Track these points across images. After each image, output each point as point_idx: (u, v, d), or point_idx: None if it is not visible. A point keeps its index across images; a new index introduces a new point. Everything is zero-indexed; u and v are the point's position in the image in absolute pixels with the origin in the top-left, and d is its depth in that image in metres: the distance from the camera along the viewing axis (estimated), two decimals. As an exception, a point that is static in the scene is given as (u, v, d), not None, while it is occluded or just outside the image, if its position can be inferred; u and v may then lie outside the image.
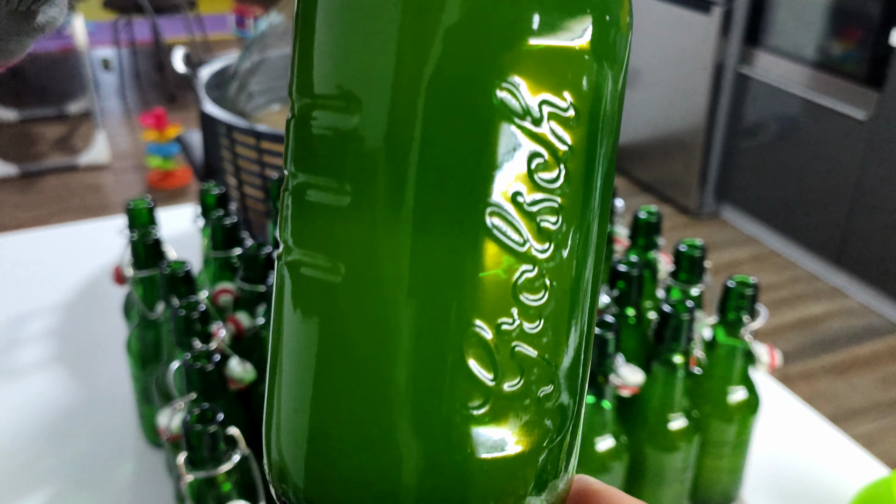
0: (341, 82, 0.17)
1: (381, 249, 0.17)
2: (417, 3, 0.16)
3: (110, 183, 3.07)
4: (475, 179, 0.16)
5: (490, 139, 0.16)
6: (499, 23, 0.16)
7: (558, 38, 0.16)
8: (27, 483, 0.70)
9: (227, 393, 0.59)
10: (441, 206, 0.16)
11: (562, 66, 0.16)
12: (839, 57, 2.38)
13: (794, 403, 0.82)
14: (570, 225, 0.17)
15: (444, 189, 0.16)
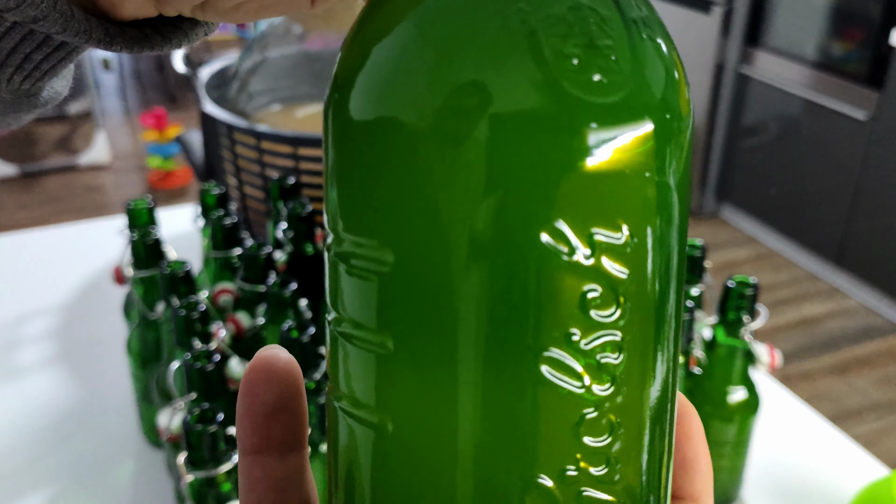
0: (378, 231, 0.16)
1: (426, 403, 0.16)
2: (453, 146, 0.15)
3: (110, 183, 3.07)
4: (523, 327, 0.15)
5: (536, 283, 0.15)
6: (534, 157, 0.15)
7: (609, 165, 0.15)
8: (28, 482, 0.70)
9: (227, 393, 0.59)
10: (486, 357, 0.15)
11: (613, 194, 0.15)
12: (840, 57, 2.38)
13: (794, 403, 0.82)
14: (635, 357, 0.16)
15: (488, 339, 0.15)
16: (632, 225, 0.15)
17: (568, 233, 0.15)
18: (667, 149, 0.16)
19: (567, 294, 0.15)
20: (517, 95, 0.14)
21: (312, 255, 0.70)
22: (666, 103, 0.15)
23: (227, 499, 0.52)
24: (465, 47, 0.15)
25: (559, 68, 0.14)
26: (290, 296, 0.59)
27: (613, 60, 0.15)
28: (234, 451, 0.52)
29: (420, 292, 0.15)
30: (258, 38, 0.94)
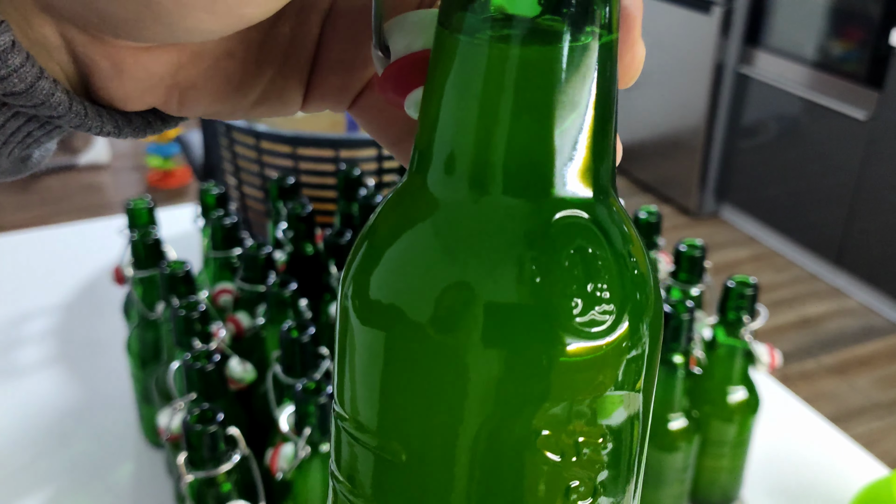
0: (385, 425, 0.18)
1: None
2: (452, 365, 0.17)
3: (110, 183, 3.07)
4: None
5: (525, 481, 0.17)
6: (534, 385, 0.17)
7: (598, 382, 0.17)
8: (28, 483, 0.70)
9: (227, 393, 0.59)
10: None
11: (594, 409, 0.18)
12: (839, 57, 2.38)
13: (794, 403, 0.82)
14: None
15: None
16: (611, 428, 0.18)
17: (555, 437, 0.17)
18: (641, 356, 0.18)
19: (554, 490, 0.18)
20: (521, 337, 0.16)
21: (312, 254, 0.70)
22: (643, 321, 0.18)
23: (227, 499, 0.52)
24: (479, 286, 0.16)
25: (562, 311, 0.17)
26: (289, 296, 0.59)
27: (605, 299, 0.17)
28: (234, 451, 0.52)
29: (415, 484, 0.17)
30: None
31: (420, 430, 0.17)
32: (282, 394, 0.56)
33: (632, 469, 0.19)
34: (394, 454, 0.18)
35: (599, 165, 0.18)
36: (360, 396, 0.18)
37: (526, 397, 0.17)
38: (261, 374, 0.62)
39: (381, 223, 0.18)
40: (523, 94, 0.17)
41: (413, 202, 0.18)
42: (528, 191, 0.17)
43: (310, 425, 0.51)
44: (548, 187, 0.17)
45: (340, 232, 0.67)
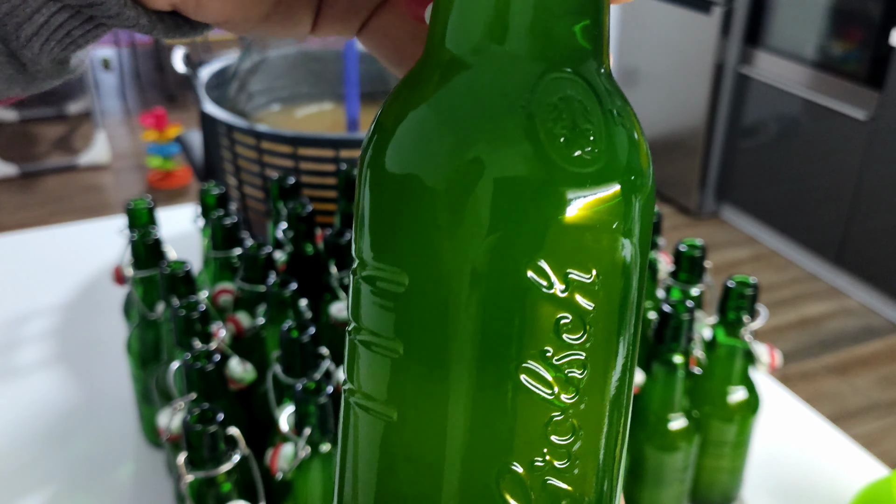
0: (393, 258, 0.20)
1: (427, 399, 0.20)
2: (462, 201, 0.19)
3: (110, 183, 3.07)
4: (508, 342, 0.19)
5: (521, 309, 0.19)
6: (526, 213, 0.19)
7: (582, 220, 0.19)
8: (28, 483, 0.70)
9: (227, 393, 0.59)
10: (477, 363, 0.19)
11: (585, 243, 0.19)
12: (839, 57, 2.38)
13: (794, 403, 0.82)
14: (596, 373, 0.20)
15: (480, 349, 0.19)
16: (599, 268, 0.20)
17: (548, 271, 0.19)
18: (629, 208, 0.20)
19: (544, 319, 0.19)
20: (515, 164, 0.19)
21: (312, 254, 0.71)
22: (628, 174, 0.20)
23: (226, 499, 0.52)
24: (476, 125, 0.19)
25: (550, 145, 0.19)
26: (289, 296, 0.59)
27: (591, 140, 0.19)
28: (234, 451, 0.52)
29: (428, 310, 0.19)
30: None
31: (427, 262, 0.19)
32: (282, 394, 0.56)
33: (621, 331, 0.20)
34: (400, 285, 0.20)
35: (595, 31, 0.20)
36: (375, 242, 0.20)
37: (520, 228, 0.19)
38: (261, 374, 0.62)
39: (399, 87, 0.21)
40: None
41: (424, 69, 0.21)
42: (531, 52, 0.19)
43: (310, 425, 0.51)
44: (549, 49, 0.20)
45: (341, 232, 0.67)
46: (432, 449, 0.20)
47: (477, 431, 0.19)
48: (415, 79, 0.21)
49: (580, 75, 0.20)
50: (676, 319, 0.57)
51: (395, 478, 0.20)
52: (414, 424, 0.20)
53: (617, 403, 0.21)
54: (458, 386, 0.19)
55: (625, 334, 0.21)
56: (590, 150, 0.19)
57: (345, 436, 0.22)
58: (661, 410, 0.60)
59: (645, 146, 0.21)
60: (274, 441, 0.56)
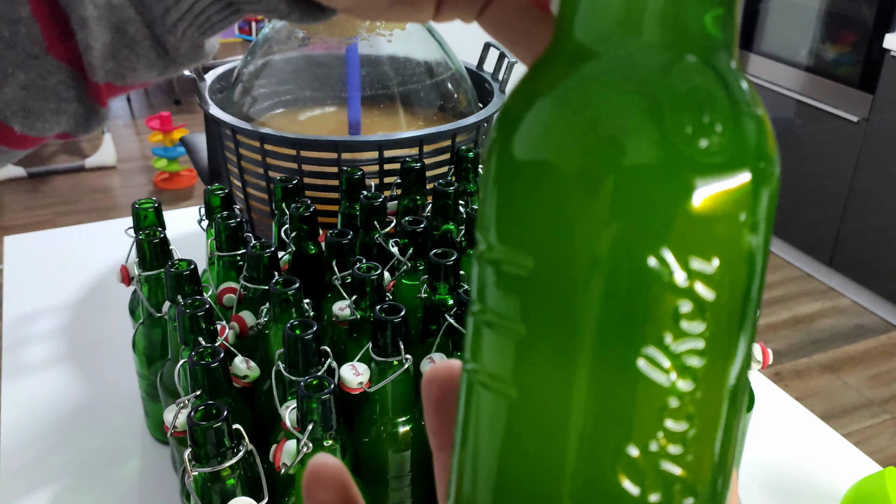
0: (519, 242, 0.20)
1: (548, 381, 0.20)
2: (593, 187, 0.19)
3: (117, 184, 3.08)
4: (628, 328, 0.19)
5: (642, 297, 0.19)
6: (650, 201, 0.19)
7: (707, 210, 0.19)
8: (36, 478, 0.71)
9: (232, 390, 0.59)
10: (597, 347, 0.20)
11: (709, 233, 0.19)
12: (832, 61, 2.38)
13: (787, 401, 0.82)
14: (713, 363, 0.20)
15: (600, 333, 0.19)
16: (722, 258, 0.19)
17: (670, 260, 0.19)
18: (754, 201, 0.20)
19: (665, 307, 0.19)
20: (642, 151, 0.19)
21: (315, 254, 0.71)
22: (756, 164, 0.20)
23: (231, 494, 0.52)
24: (604, 113, 0.19)
25: (677, 134, 0.19)
26: (293, 295, 0.60)
27: (719, 132, 0.19)
28: (239, 447, 0.53)
29: (551, 293, 0.20)
30: (261, 41, 0.95)
31: (552, 246, 0.20)
32: (285, 391, 0.57)
33: (742, 323, 0.20)
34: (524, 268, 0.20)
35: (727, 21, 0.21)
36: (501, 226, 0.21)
37: (644, 216, 0.19)
38: (264, 372, 0.63)
39: (527, 75, 0.21)
40: None
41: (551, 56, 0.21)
42: (661, 40, 0.20)
43: (312, 421, 0.51)
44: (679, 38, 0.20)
45: (343, 232, 0.68)
46: (552, 428, 0.20)
47: (595, 414, 0.20)
48: (543, 67, 0.21)
49: (710, 65, 0.20)
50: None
51: (515, 456, 0.21)
52: (535, 404, 0.21)
53: (733, 394, 0.21)
54: (577, 369, 0.20)
55: (745, 326, 0.20)
56: (718, 141, 0.19)
57: (466, 415, 0.22)
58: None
59: (772, 138, 0.21)
60: (277, 437, 0.57)
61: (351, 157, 0.81)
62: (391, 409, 0.58)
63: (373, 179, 0.81)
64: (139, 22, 0.23)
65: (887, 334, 2.25)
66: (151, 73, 0.25)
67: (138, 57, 0.24)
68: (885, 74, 2.19)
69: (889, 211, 2.26)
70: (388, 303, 0.57)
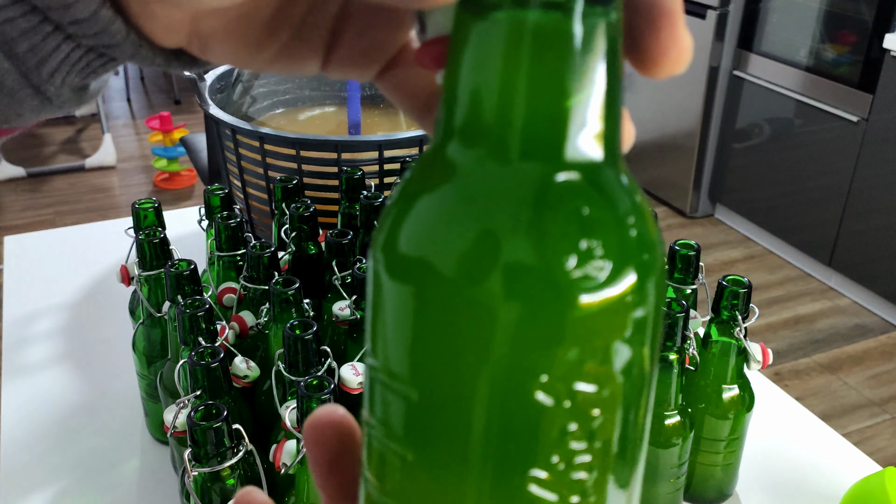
0: (403, 368, 0.20)
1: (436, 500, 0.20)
2: (459, 320, 0.18)
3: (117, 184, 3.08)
4: (514, 454, 0.19)
5: (525, 425, 0.19)
6: (531, 334, 0.18)
7: (587, 342, 0.19)
8: (36, 477, 0.71)
9: (232, 390, 0.59)
10: (488, 472, 0.19)
11: (591, 360, 0.19)
12: (832, 61, 2.39)
13: (787, 401, 0.82)
14: (603, 474, 0.20)
15: (490, 459, 0.19)
16: (606, 380, 0.19)
17: (553, 387, 0.18)
18: (637, 321, 0.19)
19: (551, 432, 0.19)
20: (523, 287, 0.18)
21: (315, 254, 0.72)
22: (638, 286, 0.19)
23: (231, 493, 0.52)
24: (478, 242, 0.18)
25: (554, 264, 0.18)
26: (292, 295, 0.60)
27: (601, 257, 0.18)
28: (238, 447, 0.53)
29: (438, 423, 0.19)
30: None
31: (435, 369, 0.19)
32: (285, 390, 0.57)
33: (629, 427, 0.20)
34: (415, 393, 0.20)
35: (609, 132, 0.19)
36: (385, 343, 0.20)
37: (527, 343, 0.18)
38: (264, 372, 0.63)
39: (406, 186, 0.20)
40: (534, 65, 0.18)
41: (433, 167, 0.20)
42: (540, 156, 0.19)
43: (312, 421, 0.52)
44: (558, 153, 0.19)
45: (343, 232, 0.68)
46: None
47: None
48: (421, 177, 0.20)
49: (598, 181, 0.19)
50: (671, 318, 0.58)
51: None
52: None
53: (627, 494, 0.21)
54: (462, 490, 0.19)
55: (632, 429, 0.20)
56: (599, 267, 0.18)
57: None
58: (655, 407, 0.61)
59: (658, 241, 0.20)
60: (277, 437, 0.57)
61: (351, 157, 0.81)
62: (391, 409, 0.58)
63: (373, 179, 0.81)
64: (14, 72, 0.23)
65: (887, 334, 2.25)
66: (37, 117, 0.25)
67: (20, 104, 0.24)
68: (884, 74, 2.19)
69: (889, 211, 2.26)
70: (388, 303, 0.57)
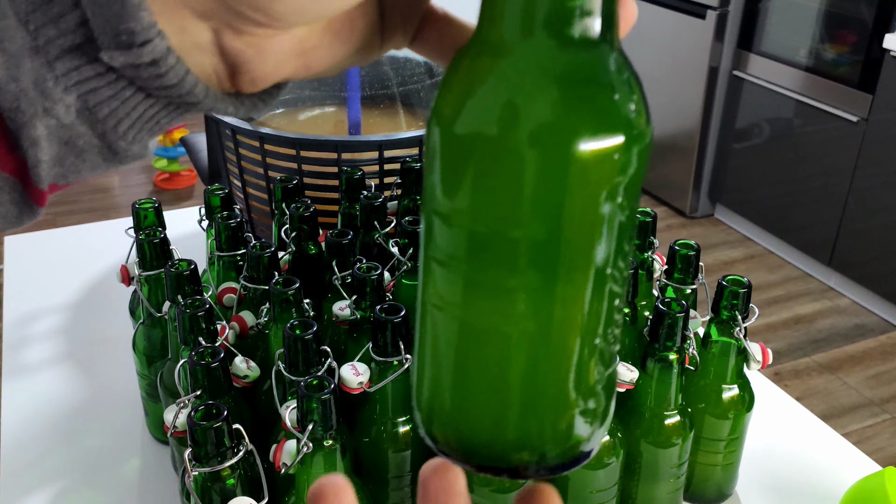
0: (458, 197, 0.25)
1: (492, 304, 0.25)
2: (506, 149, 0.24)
3: (117, 184, 3.08)
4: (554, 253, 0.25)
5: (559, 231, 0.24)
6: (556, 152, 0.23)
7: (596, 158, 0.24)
8: (36, 477, 0.71)
9: (232, 390, 0.60)
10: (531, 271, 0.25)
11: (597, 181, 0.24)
12: (832, 61, 2.39)
13: (787, 401, 0.83)
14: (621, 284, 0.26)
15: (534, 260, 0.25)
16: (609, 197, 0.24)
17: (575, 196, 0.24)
18: (628, 158, 0.24)
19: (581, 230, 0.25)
20: (545, 116, 0.23)
21: (315, 254, 0.72)
22: (633, 128, 0.24)
23: (231, 493, 0.53)
24: (516, 95, 0.24)
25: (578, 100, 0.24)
26: (292, 294, 0.60)
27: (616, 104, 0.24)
28: (239, 447, 0.53)
29: (486, 238, 0.25)
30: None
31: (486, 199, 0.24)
32: (285, 390, 0.57)
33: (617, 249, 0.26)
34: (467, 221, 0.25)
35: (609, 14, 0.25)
36: (443, 183, 0.26)
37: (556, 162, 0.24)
38: (264, 372, 0.63)
39: (456, 60, 0.26)
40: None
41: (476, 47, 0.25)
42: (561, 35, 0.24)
43: (312, 421, 0.52)
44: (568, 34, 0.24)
45: (343, 232, 0.68)
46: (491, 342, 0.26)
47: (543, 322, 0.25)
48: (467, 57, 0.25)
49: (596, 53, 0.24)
50: (671, 318, 0.58)
51: (471, 361, 0.26)
52: (481, 323, 0.26)
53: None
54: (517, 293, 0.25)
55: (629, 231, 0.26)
56: (602, 114, 0.24)
57: (422, 338, 0.27)
58: (656, 407, 0.61)
59: (646, 107, 0.26)
60: (278, 437, 0.57)
61: (351, 157, 0.81)
62: (391, 409, 0.58)
63: (373, 179, 0.81)
64: (89, 134, 0.25)
65: (887, 334, 2.26)
66: (95, 172, 0.27)
67: (85, 162, 0.26)
68: (884, 74, 2.20)
69: (889, 211, 2.26)
70: (388, 303, 0.57)
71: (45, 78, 0.23)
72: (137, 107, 0.24)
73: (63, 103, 0.23)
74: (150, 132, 0.26)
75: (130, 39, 0.22)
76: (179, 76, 0.23)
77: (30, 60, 0.22)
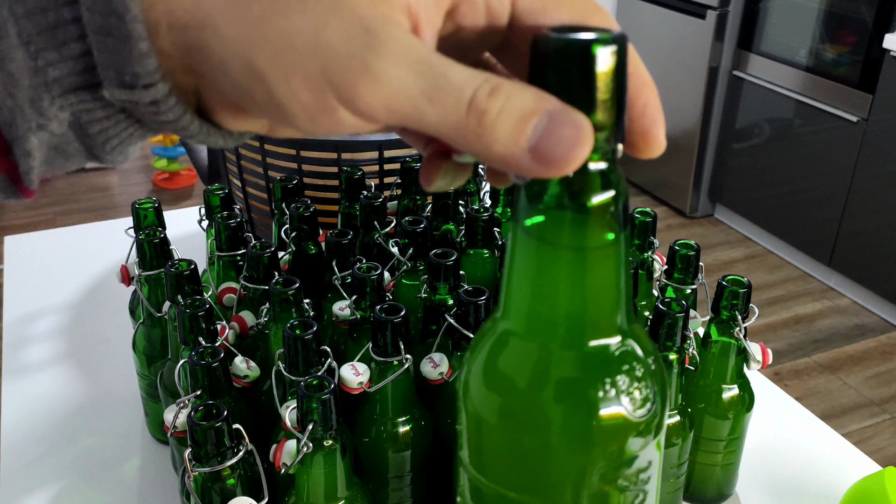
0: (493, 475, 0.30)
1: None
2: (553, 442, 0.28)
3: (117, 184, 3.08)
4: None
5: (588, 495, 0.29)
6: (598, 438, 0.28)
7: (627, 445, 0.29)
8: (36, 477, 0.71)
9: (232, 390, 0.60)
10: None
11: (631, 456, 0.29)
12: (832, 61, 2.39)
13: (787, 401, 0.83)
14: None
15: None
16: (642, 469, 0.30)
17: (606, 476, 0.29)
18: (656, 444, 0.29)
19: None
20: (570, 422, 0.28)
21: (315, 254, 0.72)
22: (660, 419, 0.29)
23: (231, 493, 0.53)
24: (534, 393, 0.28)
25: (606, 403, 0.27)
26: (292, 294, 0.60)
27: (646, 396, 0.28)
28: (239, 447, 0.53)
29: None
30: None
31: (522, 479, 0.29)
32: (285, 390, 0.57)
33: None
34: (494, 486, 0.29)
35: (628, 311, 0.27)
36: (475, 453, 0.30)
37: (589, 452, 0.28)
38: (264, 372, 0.63)
39: (479, 350, 0.29)
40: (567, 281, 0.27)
41: (496, 340, 0.29)
42: (575, 340, 0.27)
43: (312, 421, 0.52)
44: (584, 336, 0.27)
45: (343, 232, 0.68)
46: None
47: None
48: (493, 345, 0.29)
49: (628, 348, 0.27)
50: (671, 318, 0.58)
51: None
52: None
53: None
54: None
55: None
56: (644, 397, 0.27)
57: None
58: (655, 407, 0.61)
59: (664, 373, 0.29)
60: (277, 437, 0.57)
61: (351, 157, 0.81)
62: (391, 409, 0.58)
63: (373, 179, 0.81)
64: (77, 143, 0.26)
65: (887, 334, 2.26)
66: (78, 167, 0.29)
67: (70, 162, 0.27)
68: (884, 74, 2.20)
69: (889, 211, 2.26)
70: (388, 303, 0.57)
71: (42, 97, 0.23)
72: (128, 128, 0.25)
73: (57, 120, 0.24)
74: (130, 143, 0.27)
75: (134, 81, 0.23)
76: (177, 115, 0.25)
77: (28, 80, 0.23)
